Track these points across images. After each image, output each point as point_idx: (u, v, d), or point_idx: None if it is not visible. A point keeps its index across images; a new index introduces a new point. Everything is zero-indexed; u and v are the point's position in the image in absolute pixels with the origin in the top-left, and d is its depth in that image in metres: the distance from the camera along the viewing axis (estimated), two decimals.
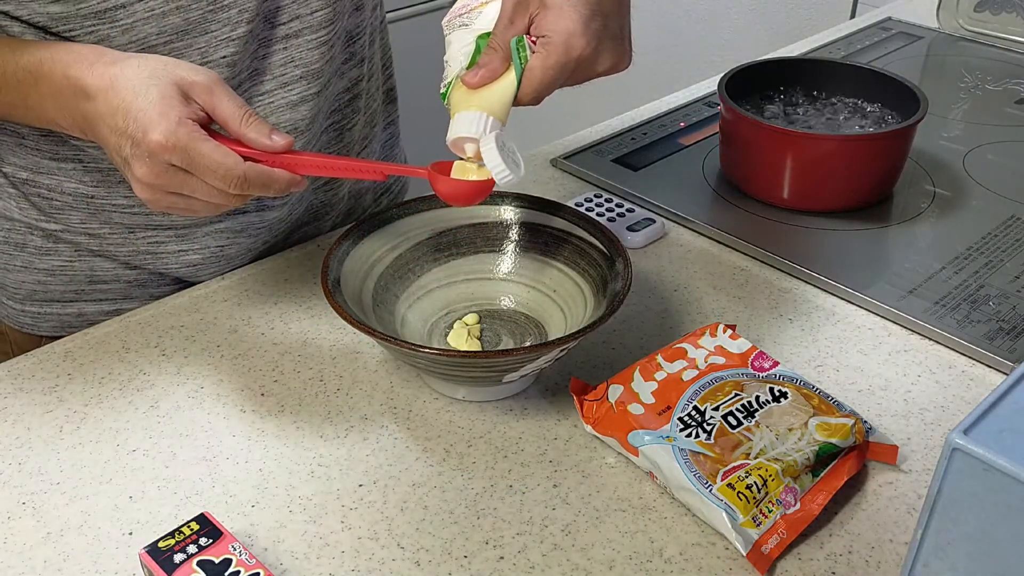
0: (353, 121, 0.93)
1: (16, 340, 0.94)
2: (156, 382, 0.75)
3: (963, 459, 0.44)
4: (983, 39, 1.39)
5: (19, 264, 0.88)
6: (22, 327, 0.92)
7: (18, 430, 0.71)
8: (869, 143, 0.95)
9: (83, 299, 0.90)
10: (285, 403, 0.73)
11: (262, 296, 0.86)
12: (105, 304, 0.90)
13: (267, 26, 0.80)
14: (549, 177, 1.05)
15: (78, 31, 0.72)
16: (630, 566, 0.60)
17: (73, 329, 0.89)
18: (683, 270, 0.89)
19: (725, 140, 1.02)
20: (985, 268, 0.87)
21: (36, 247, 0.87)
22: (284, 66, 0.82)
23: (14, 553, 0.61)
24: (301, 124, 0.84)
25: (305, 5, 0.81)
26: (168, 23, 0.74)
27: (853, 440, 0.66)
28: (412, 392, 0.74)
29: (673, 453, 0.64)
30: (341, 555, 0.61)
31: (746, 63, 1.06)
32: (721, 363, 0.71)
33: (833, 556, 0.61)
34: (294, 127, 0.83)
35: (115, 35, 0.73)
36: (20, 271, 0.88)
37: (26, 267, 0.88)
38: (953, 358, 0.78)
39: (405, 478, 0.67)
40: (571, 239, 0.78)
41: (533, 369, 0.69)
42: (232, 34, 0.76)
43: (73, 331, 0.87)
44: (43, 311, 0.90)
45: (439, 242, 0.80)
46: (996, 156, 1.08)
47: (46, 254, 0.87)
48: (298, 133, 0.84)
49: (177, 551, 0.56)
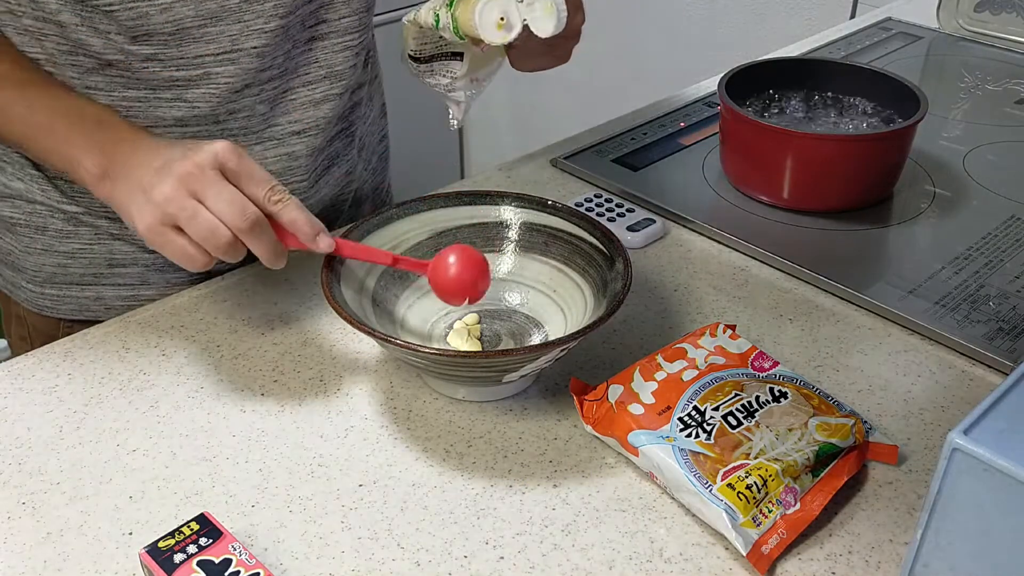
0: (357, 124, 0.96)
1: (34, 323, 0.95)
2: (156, 382, 0.75)
3: (963, 459, 0.44)
4: (983, 39, 1.39)
5: (39, 247, 0.89)
6: (41, 310, 0.93)
7: (18, 430, 0.71)
8: (869, 143, 0.95)
9: (101, 282, 0.91)
10: (285, 403, 0.73)
11: (262, 296, 0.86)
12: (123, 289, 0.91)
13: (300, 27, 0.82)
14: (549, 177, 1.05)
15: (117, 7, 0.74)
16: (630, 566, 0.60)
17: (91, 313, 0.92)
18: (683, 270, 0.89)
19: (725, 140, 1.02)
20: (985, 268, 0.87)
21: (57, 230, 0.88)
22: (308, 66, 0.85)
23: (14, 553, 0.61)
24: (322, 122, 0.87)
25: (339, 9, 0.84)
26: (205, 7, 0.76)
27: (853, 440, 0.66)
28: (412, 392, 0.74)
29: (673, 453, 0.64)
30: (341, 555, 0.61)
31: (746, 63, 1.06)
32: (721, 363, 0.71)
33: (833, 556, 0.61)
34: (315, 124, 0.87)
35: (153, 13, 0.74)
36: (40, 254, 0.89)
37: (46, 250, 0.89)
38: (953, 358, 0.78)
39: (405, 478, 0.67)
40: (571, 239, 0.78)
41: (533, 369, 0.69)
42: (265, 26, 0.79)
43: (91, 315, 0.90)
44: (62, 294, 0.91)
45: (438, 242, 0.80)
46: (996, 156, 1.08)
47: (66, 237, 0.88)
48: (319, 130, 0.88)
49: (177, 551, 0.56)
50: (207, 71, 0.79)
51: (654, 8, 2.08)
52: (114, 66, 0.78)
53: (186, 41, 0.77)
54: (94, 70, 0.78)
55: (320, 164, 0.92)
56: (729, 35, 1.97)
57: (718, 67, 1.09)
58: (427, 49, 0.82)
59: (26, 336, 0.96)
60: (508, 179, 1.04)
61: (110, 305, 0.91)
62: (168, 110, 0.81)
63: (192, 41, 0.77)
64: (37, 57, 0.78)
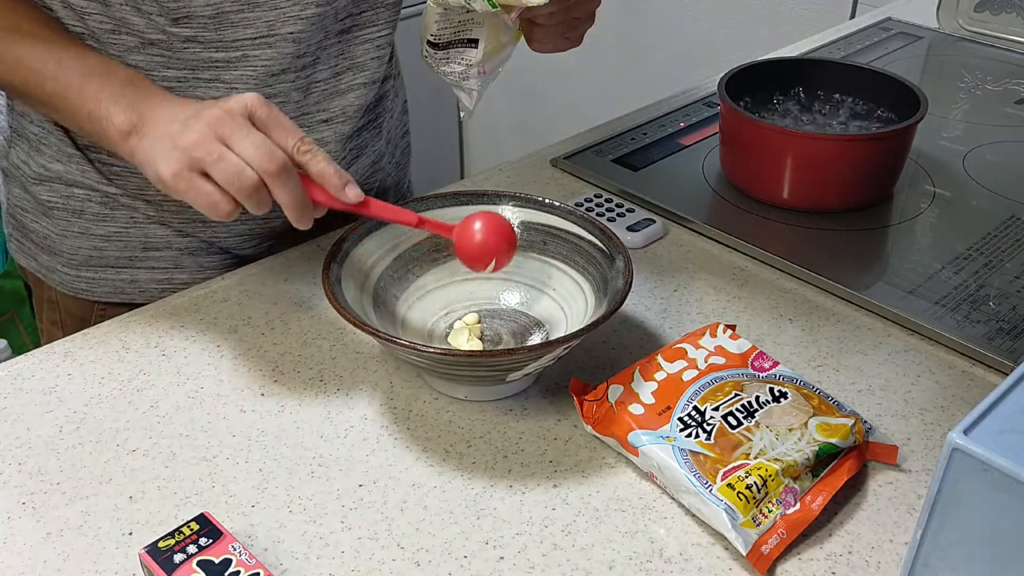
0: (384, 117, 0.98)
1: (67, 307, 0.96)
2: (156, 382, 0.75)
3: (963, 459, 0.44)
4: (983, 39, 1.39)
5: (76, 231, 0.90)
6: (77, 293, 0.94)
7: (18, 430, 0.71)
8: (869, 143, 0.95)
9: (136, 265, 0.92)
10: (285, 403, 0.73)
11: (262, 296, 0.86)
12: (157, 272, 0.93)
13: (334, 18, 0.84)
14: (549, 177, 1.05)
15: None
16: (630, 566, 0.60)
17: (126, 296, 0.93)
18: (683, 270, 0.89)
19: (725, 140, 1.02)
20: (985, 268, 0.87)
21: (94, 213, 0.89)
22: (340, 56, 0.87)
23: (14, 553, 0.61)
24: (349, 110, 0.89)
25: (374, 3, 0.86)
26: None
27: (853, 440, 0.66)
28: (412, 392, 0.74)
29: (673, 453, 0.64)
30: (341, 555, 0.61)
31: (746, 63, 1.06)
32: (721, 363, 0.71)
33: (833, 556, 0.61)
34: (342, 112, 0.89)
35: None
36: (77, 237, 0.91)
37: (83, 233, 0.90)
38: (953, 358, 0.78)
39: (405, 478, 0.67)
40: (570, 237, 0.78)
41: (536, 368, 0.69)
42: (301, 13, 0.80)
43: (126, 297, 0.92)
44: (97, 276, 0.93)
45: (437, 242, 0.80)
46: (996, 156, 1.08)
47: (103, 220, 0.90)
48: (346, 118, 0.89)
49: (177, 551, 0.56)
50: (245, 54, 0.81)
51: (655, 8, 2.08)
52: (155, 45, 0.80)
53: (224, 25, 0.79)
54: (136, 49, 0.80)
55: (349, 153, 0.94)
56: (729, 35, 1.97)
57: (718, 67, 1.09)
58: (445, 34, 0.83)
59: (57, 321, 0.97)
60: (508, 179, 1.04)
61: (144, 288, 0.93)
62: (206, 91, 0.83)
63: (230, 25, 0.79)
64: (80, 33, 0.80)
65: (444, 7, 0.80)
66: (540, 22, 0.81)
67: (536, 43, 0.86)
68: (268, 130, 0.67)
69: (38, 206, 0.91)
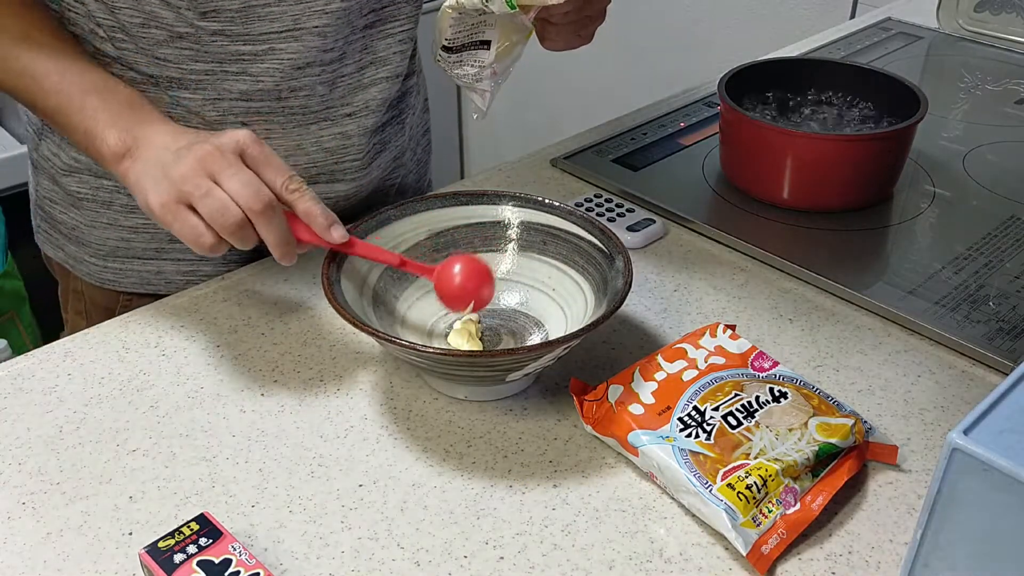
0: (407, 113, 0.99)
1: (93, 298, 0.97)
2: (156, 382, 0.75)
3: (963, 459, 0.44)
4: (983, 39, 1.39)
5: (105, 221, 0.91)
6: (103, 283, 0.95)
7: (18, 430, 0.71)
8: (869, 143, 0.95)
9: (162, 257, 0.93)
10: (285, 403, 0.73)
11: (262, 296, 0.86)
12: (183, 264, 0.93)
13: (359, 13, 0.85)
14: (549, 177, 1.05)
15: None
16: (630, 566, 0.60)
17: (152, 286, 0.94)
18: (683, 270, 0.89)
19: (725, 140, 1.02)
20: (985, 268, 0.87)
21: (122, 204, 0.90)
22: (364, 51, 0.88)
23: (14, 553, 0.61)
24: (372, 104, 0.90)
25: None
26: None
27: (853, 440, 0.66)
28: (412, 392, 0.74)
29: (673, 453, 0.64)
30: (341, 555, 0.61)
31: (746, 63, 1.06)
32: (721, 363, 0.71)
33: (833, 556, 0.61)
34: (365, 106, 0.89)
35: None
36: (105, 228, 0.91)
37: (111, 224, 0.91)
38: (953, 358, 0.78)
39: (405, 478, 0.67)
40: (569, 237, 0.78)
41: (536, 368, 0.69)
42: (327, 7, 0.81)
43: (152, 288, 0.93)
44: (124, 267, 0.94)
45: (437, 242, 0.80)
46: (996, 156, 1.08)
47: (131, 212, 0.90)
48: (369, 112, 0.90)
49: (177, 551, 0.56)
50: (272, 47, 0.82)
51: (654, 8, 2.08)
52: (184, 39, 0.81)
53: (251, 19, 0.80)
54: (165, 42, 0.81)
55: (373, 147, 0.94)
56: (729, 35, 1.96)
57: (718, 67, 1.09)
58: (460, 37, 0.83)
59: (83, 311, 0.98)
60: (508, 179, 1.04)
61: (170, 279, 0.94)
62: (234, 83, 0.83)
63: (257, 19, 0.80)
64: (111, 26, 0.81)
65: (459, 11, 0.80)
66: (555, 21, 0.81)
67: (549, 42, 0.86)
68: (258, 167, 0.68)
69: (67, 197, 0.91)
